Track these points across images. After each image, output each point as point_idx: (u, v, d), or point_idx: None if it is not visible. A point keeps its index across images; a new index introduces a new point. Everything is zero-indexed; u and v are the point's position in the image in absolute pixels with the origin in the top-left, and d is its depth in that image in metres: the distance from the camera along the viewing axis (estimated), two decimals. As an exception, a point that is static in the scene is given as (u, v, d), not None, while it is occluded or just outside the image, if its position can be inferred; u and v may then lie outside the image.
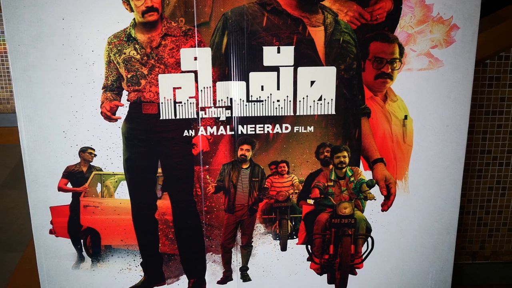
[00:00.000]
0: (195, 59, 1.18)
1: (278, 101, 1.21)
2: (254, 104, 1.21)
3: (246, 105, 1.21)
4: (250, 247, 1.31)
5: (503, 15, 2.06)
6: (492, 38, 1.99)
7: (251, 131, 1.23)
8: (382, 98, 1.25)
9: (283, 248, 1.33)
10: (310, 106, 1.23)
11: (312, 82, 1.21)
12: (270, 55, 1.18)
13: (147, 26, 1.16)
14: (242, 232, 1.30)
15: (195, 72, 1.18)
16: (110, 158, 1.22)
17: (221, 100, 1.20)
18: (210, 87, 1.19)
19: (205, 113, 1.21)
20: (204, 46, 1.17)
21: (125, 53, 1.16)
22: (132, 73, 1.17)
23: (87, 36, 1.14)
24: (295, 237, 1.32)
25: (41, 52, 1.14)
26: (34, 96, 1.16)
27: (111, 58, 1.16)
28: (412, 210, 1.32)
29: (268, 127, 1.23)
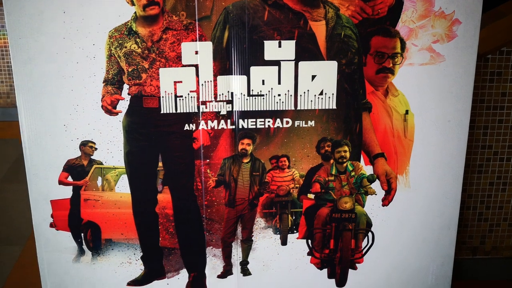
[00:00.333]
0: (196, 53, 1.17)
1: (279, 95, 1.21)
2: (255, 98, 1.21)
3: (247, 99, 1.21)
4: (251, 241, 1.31)
5: (504, 11, 2.06)
6: (493, 33, 1.99)
7: (252, 125, 1.23)
8: (383, 92, 1.24)
9: (284, 242, 1.33)
10: (311, 101, 1.22)
11: (313, 77, 1.21)
12: (271, 49, 1.18)
13: (148, 20, 1.16)
14: (242, 226, 1.30)
15: (196, 66, 1.18)
16: (111, 152, 1.22)
17: (222, 94, 1.20)
18: (211, 81, 1.19)
19: (206, 107, 1.21)
20: (205, 40, 1.17)
21: (126, 47, 1.16)
22: (133, 66, 1.17)
23: (88, 30, 1.14)
24: (295, 231, 1.32)
25: (42, 45, 1.14)
26: (35, 90, 1.16)
27: (112, 51, 1.16)
28: (413, 205, 1.32)
29: (269, 121, 1.23)
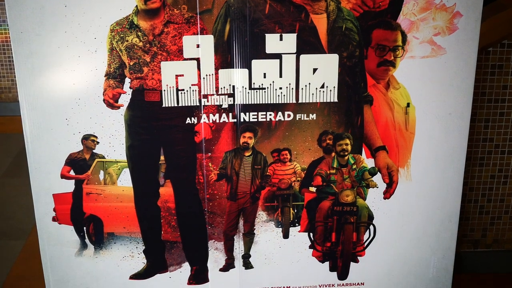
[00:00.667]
0: (198, 46, 1.17)
1: (281, 88, 1.21)
2: (257, 91, 1.21)
3: (248, 92, 1.21)
4: (252, 234, 1.32)
5: (505, 3, 2.06)
6: (494, 26, 1.99)
7: (253, 118, 1.23)
8: (385, 85, 1.24)
9: (285, 235, 1.33)
10: (313, 94, 1.23)
11: (315, 70, 1.21)
12: (272, 42, 1.18)
13: (150, 14, 1.16)
14: (244, 219, 1.30)
15: (198, 60, 1.18)
16: (113, 146, 1.22)
17: (224, 87, 1.20)
18: (213, 74, 1.19)
19: (207, 101, 1.21)
20: (207, 33, 1.17)
21: (127, 41, 1.16)
22: (135, 60, 1.17)
23: (89, 24, 1.14)
24: (297, 224, 1.33)
25: (43, 39, 1.14)
26: (37, 84, 1.16)
27: (113, 45, 1.16)
28: (414, 198, 1.33)
29: (270, 114, 1.23)
